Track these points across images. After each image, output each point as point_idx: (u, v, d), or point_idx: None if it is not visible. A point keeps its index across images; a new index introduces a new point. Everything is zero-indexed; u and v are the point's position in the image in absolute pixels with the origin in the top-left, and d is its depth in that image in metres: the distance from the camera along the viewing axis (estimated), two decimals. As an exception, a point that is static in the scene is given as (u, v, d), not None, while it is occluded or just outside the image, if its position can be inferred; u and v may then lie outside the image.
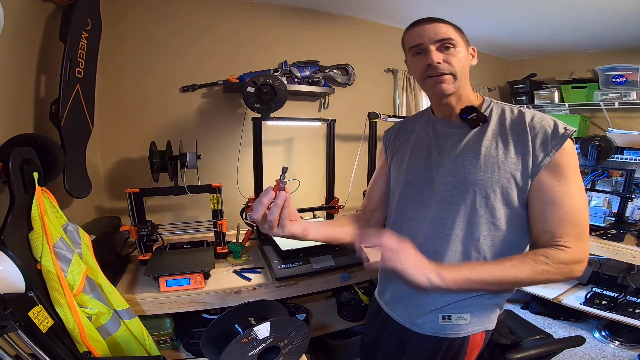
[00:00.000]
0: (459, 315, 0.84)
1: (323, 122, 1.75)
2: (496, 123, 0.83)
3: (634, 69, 2.26)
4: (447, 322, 0.85)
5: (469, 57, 0.87)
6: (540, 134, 0.77)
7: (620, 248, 1.90)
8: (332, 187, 1.84)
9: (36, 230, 0.84)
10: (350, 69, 2.20)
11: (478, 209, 0.80)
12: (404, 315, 0.92)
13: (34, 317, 0.68)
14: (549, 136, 0.76)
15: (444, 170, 0.85)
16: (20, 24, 1.14)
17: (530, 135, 0.77)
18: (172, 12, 1.80)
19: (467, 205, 0.81)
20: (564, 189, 0.75)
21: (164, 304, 1.27)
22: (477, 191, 0.80)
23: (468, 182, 0.81)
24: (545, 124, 0.78)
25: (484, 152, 0.80)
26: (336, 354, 1.73)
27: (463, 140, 0.84)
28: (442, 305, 0.85)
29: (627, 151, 2.31)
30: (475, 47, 0.89)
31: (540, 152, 0.76)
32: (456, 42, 0.82)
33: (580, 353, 2.04)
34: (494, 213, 0.79)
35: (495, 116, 0.84)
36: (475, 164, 0.80)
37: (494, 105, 0.86)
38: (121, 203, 1.76)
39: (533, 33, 2.35)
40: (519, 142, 0.78)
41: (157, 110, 1.85)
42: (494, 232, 0.81)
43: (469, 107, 0.85)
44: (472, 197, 0.80)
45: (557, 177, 0.75)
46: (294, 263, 1.39)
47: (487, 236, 0.81)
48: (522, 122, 0.80)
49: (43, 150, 1.02)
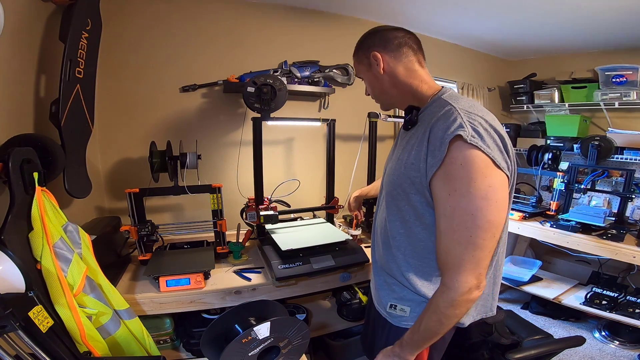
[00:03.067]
0: (402, 307, 0.88)
1: (323, 122, 1.75)
2: (423, 124, 0.79)
3: (634, 69, 2.26)
4: (392, 310, 0.89)
5: (373, 75, 0.88)
6: (434, 137, 0.72)
7: (620, 248, 1.90)
8: (332, 187, 1.84)
9: (36, 230, 0.84)
10: (350, 69, 2.20)
11: (391, 208, 0.86)
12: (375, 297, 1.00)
13: (34, 317, 0.68)
14: (437, 140, 0.70)
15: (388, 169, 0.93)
16: (20, 24, 1.14)
17: (427, 140, 0.73)
18: (172, 13, 1.80)
19: (386, 203, 0.89)
20: (454, 204, 0.69)
21: (164, 304, 1.27)
22: (389, 191, 0.85)
23: (387, 182, 0.88)
24: (442, 125, 0.71)
25: (398, 155, 0.85)
26: (336, 354, 1.73)
27: (400, 142, 0.91)
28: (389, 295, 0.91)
29: (627, 151, 2.31)
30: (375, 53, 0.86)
31: (431, 160, 0.71)
32: (361, 72, 0.91)
33: (580, 353, 2.04)
34: (403, 214, 0.82)
35: (425, 117, 0.80)
36: (392, 166, 0.86)
37: (437, 102, 0.80)
38: (121, 203, 1.76)
39: (533, 33, 2.35)
40: (420, 146, 0.75)
41: (157, 110, 1.85)
42: (407, 232, 0.83)
43: (409, 107, 0.86)
44: (387, 196, 0.87)
45: (448, 190, 0.69)
46: (294, 263, 1.39)
47: (402, 234, 0.84)
48: (429, 123, 0.75)
49: (43, 150, 1.02)
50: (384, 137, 2.46)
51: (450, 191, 0.69)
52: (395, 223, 0.85)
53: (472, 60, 2.84)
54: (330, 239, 1.54)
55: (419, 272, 0.84)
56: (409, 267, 0.85)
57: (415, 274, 0.84)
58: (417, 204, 0.78)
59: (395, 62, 0.84)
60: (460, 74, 2.74)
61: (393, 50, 0.84)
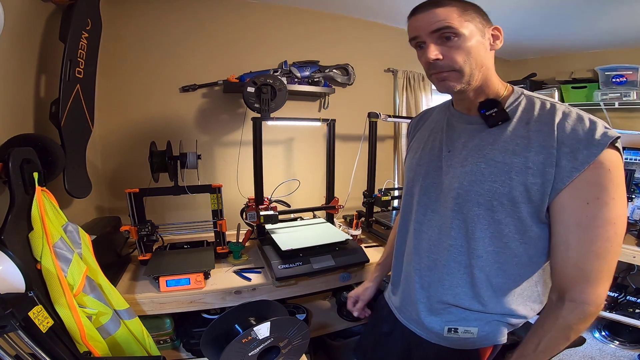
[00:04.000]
0: (466, 329, 0.78)
1: (323, 122, 1.75)
2: (519, 122, 0.69)
3: (634, 69, 2.26)
4: (452, 334, 0.79)
5: (484, 42, 0.70)
6: (571, 141, 0.62)
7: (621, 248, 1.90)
8: (332, 187, 1.84)
9: (36, 230, 0.83)
10: (350, 69, 2.20)
11: (482, 222, 0.71)
12: (412, 321, 0.88)
13: (34, 317, 0.68)
14: (581, 143, 0.61)
15: (452, 173, 0.76)
16: (20, 24, 1.14)
17: (557, 141, 0.63)
18: (172, 13, 1.80)
19: (470, 216, 0.72)
20: (594, 213, 0.61)
21: (164, 304, 1.27)
22: (482, 202, 0.70)
23: (472, 191, 0.71)
24: (579, 126, 0.62)
25: (495, 158, 0.69)
26: (336, 354, 1.72)
27: (475, 140, 0.74)
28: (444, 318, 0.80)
29: (627, 151, 2.31)
30: (499, 27, 0.72)
31: (567, 164, 0.62)
32: (459, 29, 0.67)
33: (580, 353, 2.04)
34: (501, 228, 0.70)
35: (521, 113, 0.70)
36: (483, 171, 0.70)
37: (524, 98, 0.72)
38: (121, 203, 1.76)
39: (533, 33, 2.35)
40: (542, 148, 0.64)
41: (157, 110, 1.85)
42: (501, 249, 0.71)
43: (490, 100, 0.72)
44: (475, 208, 0.71)
45: (587, 198, 0.61)
46: (294, 263, 1.39)
47: (491, 252, 0.72)
48: (551, 122, 0.65)
49: (43, 150, 1.02)
50: (384, 137, 2.46)
51: (591, 199, 0.61)
52: (484, 240, 0.71)
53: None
54: (330, 239, 1.54)
55: (500, 291, 0.74)
56: (489, 287, 0.74)
57: (495, 292, 0.74)
58: (527, 216, 0.67)
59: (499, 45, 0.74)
60: (460, 74, 2.73)
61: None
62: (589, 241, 0.63)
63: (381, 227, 1.93)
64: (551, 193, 0.64)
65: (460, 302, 0.78)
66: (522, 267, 0.73)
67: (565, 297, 0.66)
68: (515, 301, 0.76)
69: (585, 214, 0.62)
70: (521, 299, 0.77)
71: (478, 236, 0.72)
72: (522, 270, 0.74)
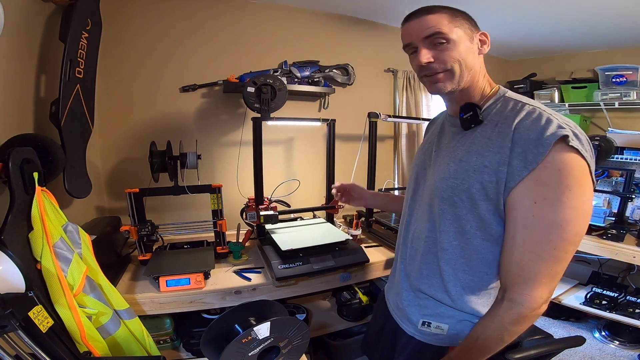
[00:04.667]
0: (438, 325, 0.82)
1: (323, 122, 1.75)
2: (489, 124, 0.73)
3: (634, 69, 2.26)
4: (425, 328, 0.84)
5: (473, 47, 0.75)
6: (522, 140, 0.64)
7: (620, 248, 1.90)
8: (332, 187, 1.84)
9: (36, 230, 0.83)
10: (350, 69, 2.20)
11: (446, 217, 0.76)
12: (397, 313, 0.94)
13: (34, 317, 0.68)
14: (532, 143, 0.63)
15: (431, 171, 0.84)
16: (20, 24, 1.14)
17: (512, 141, 0.65)
18: (172, 13, 1.80)
19: (438, 211, 0.78)
20: (539, 214, 0.62)
21: (164, 304, 1.27)
22: (446, 198, 0.75)
23: (440, 187, 0.76)
24: (534, 126, 0.64)
25: (460, 157, 0.74)
26: (336, 354, 1.73)
27: (453, 141, 0.80)
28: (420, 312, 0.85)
29: (627, 151, 2.31)
30: (486, 33, 0.77)
31: (519, 164, 0.64)
32: (448, 35, 0.71)
33: (580, 353, 2.04)
34: (463, 224, 0.74)
35: (493, 115, 0.73)
36: (450, 169, 0.75)
37: (503, 101, 0.74)
38: (121, 203, 1.76)
39: (533, 33, 2.35)
40: (499, 148, 0.67)
41: (157, 110, 1.85)
42: (464, 244, 0.75)
43: (469, 104, 0.76)
44: (440, 203, 0.76)
45: (535, 198, 0.63)
46: (294, 263, 1.39)
47: (456, 246, 0.76)
48: (512, 122, 0.67)
49: (43, 150, 1.02)
50: (384, 137, 2.46)
51: (538, 199, 0.62)
52: (448, 234, 0.76)
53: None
54: (330, 239, 1.54)
55: (468, 287, 0.78)
56: (456, 282, 0.78)
57: (464, 289, 0.78)
58: (485, 213, 0.70)
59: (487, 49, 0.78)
60: (460, 74, 2.73)
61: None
62: (532, 242, 0.64)
63: (381, 227, 1.93)
64: (504, 191, 0.67)
65: (434, 293, 0.82)
66: (487, 265, 0.76)
67: (505, 297, 0.69)
68: (484, 302, 0.79)
69: (531, 214, 0.63)
70: (490, 301, 0.78)
71: (443, 230, 0.77)
72: (488, 269, 0.76)
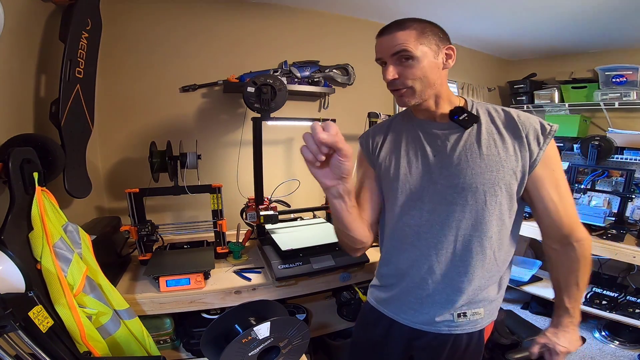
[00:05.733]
0: (474, 311, 0.88)
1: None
2: (487, 122, 0.85)
3: (634, 69, 2.26)
4: (462, 319, 0.87)
5: (437, 62, 0.80)
6: (532, 131, 0.82)
7: (620, 248, 1.90)
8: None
9: (36, 230, 0.84)
10: (350, 69, 2.20)
11: (489, 207, 0.83)
12: (414, 318, 0.91)
13: (34, 317, 0.68)
14: (539, 132, 0.82)
15: (447, 172, 0.84)
16: (20, 24, 1.14)
17: (524, 132, 0.82)
18: (172, 13, 1.80)
19: (478, 204, 0.83)
20: (559, 175, 0.84)
21: (164, 304, 1.27)
22: (487, 190, 0.82)
23: (477, 182, 0.82)
24: (532, 121, 0.83)
25: (485, 152, 0.83)
26: (336, 354, 1.72)
27: (461, 141, 0.85)
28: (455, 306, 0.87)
29: (627, 151, 2.31)
30: (453, 47, 0.82)
31: (535, 147, 0.82)
32: (413, 52, 0.77)
33: (580, 353, 2.04)
34: (502, 209, 0.84)
35: (484, 116, 0.86)
36: (480, 164, 0.82)
37: (477, 105, 0.89)
38: (121, 203, 1.76)
39: (533, 33, 2.35)
40: (516, 139, 0.83)
41: (157, 110, 1.85)
42: (501, 227, 0.85)
43: (458, 108, 0.86)
44: (482, 196, 0.82)
45: (552, 167, 0.83)
46: (294, 263, 1.39)
47: (496, 232, 0.85)
48: (513, 120, 0.84)
49: (43, 150, 1.02)
50: (384, 137, 2.46)
51: (554, 167, 0.83)
52: (492, 222, 0.84)
53: (472, 60, 2.84)
54: (330, 238, 1.54)
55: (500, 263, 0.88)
56: (494, 263, 0.87)
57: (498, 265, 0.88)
58: (514, 193, 0.84)
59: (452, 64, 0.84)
60: (460, 74, 2.73)
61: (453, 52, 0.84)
62: (566, 195, 0.84)
63: (381, 227, 1.93)
64: (529, 170, 0.82)
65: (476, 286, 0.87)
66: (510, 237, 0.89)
67: (571, 240, 0.84)
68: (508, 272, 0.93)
69: (555, 177, 0.83)
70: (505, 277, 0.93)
71: (487, 220, 0.84)
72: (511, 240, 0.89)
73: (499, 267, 0.88)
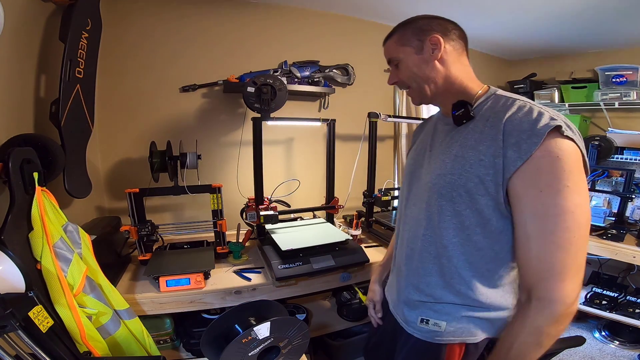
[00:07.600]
0: (435, 322, 0.80)
1: (323, 122, 1.75)
2: (481, 119, 0.73)
3: (634, 69, 2.26)
4: (424, 325, 0.82)
5: (423, 57, 0.79)
6: (515, 132, 0.64)
7: (620, 248, 1.90)
8: (332, 187, 1.84)
9: (36, 230, 0.84)
10: (350, 69, 2.20)
11: (445, 213, 0.74)
12: (397, 311, 0.93)
13: (34, 317, 0.68)
14: (524, 134, 0.63)
15: (427, 169, 0.83)
16: (20, 24, 1.14)
17: (504, 133, 0.66)
18: (172, 13, 1.80)
19: (437, 207, 0.76)
20: (548, 201, 0.61)
21: (164, 304, 1.27)
22: (444, 194, 0.74)
23: (438, 184, 0.75)
24: (525, 118, 0.65)
25: (455, 153, 0.74)
26: (336, 354, 1.72)
27: (447, 138, 0.80)
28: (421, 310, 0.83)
29: (627, 151, 2.31)
30: (437, 36, 0.77)
31: (513, 154, 0.64)
32: (397, 57, 0.83)
33: (580, 353, 2.04)
34: (462, 220, 0.73)
35: (485, 111, 0.74)
36: (447, 165, 0.75)
37: (494, 98, 0.75)
38: (121, 203, 1.76)
39: (533, 33, 2.35)
40: (492, 141, 0.67)
41: (157, 110, 1.85)
42: (464, 240, 0.74)
43: (460, 102, 0.77)
44: (438, 200, 0.75)
45: (539, 186, 0.62)
46: (294, 263, 1.39)
47: (456, 244, 0.74)
48: (503, 116, 0.68)
49: (43, 150, 1.02)
50: (384, 137, 2.46)
51: (544, 187, 0.61)
52: (448, 231, 0.75)
53: (471, 60, 2.82)
54: (330, 239, 1.54)
55: (468, 286, 0.76)
56: (459, 280, 0.76)
57: (468, 286, 0.76)
58: (484, 208, 0.69)
59: (453, 52, 0.80)
60: (460, 74, 2.73)
61: (452, 40, 0.80)
62: (548, 230, 0.62)
63: (381, 227, 1.93)
64: (503, 183, 0.66)
65: (432, 291, 0.81)
66: (488, 261, 0.74)
67: (532, 296, 0.65)
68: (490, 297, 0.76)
69: (539, 202, 0.62)
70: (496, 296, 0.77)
71: (443, 226, 0.76)
72: (490, 265, 0.75)
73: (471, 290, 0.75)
